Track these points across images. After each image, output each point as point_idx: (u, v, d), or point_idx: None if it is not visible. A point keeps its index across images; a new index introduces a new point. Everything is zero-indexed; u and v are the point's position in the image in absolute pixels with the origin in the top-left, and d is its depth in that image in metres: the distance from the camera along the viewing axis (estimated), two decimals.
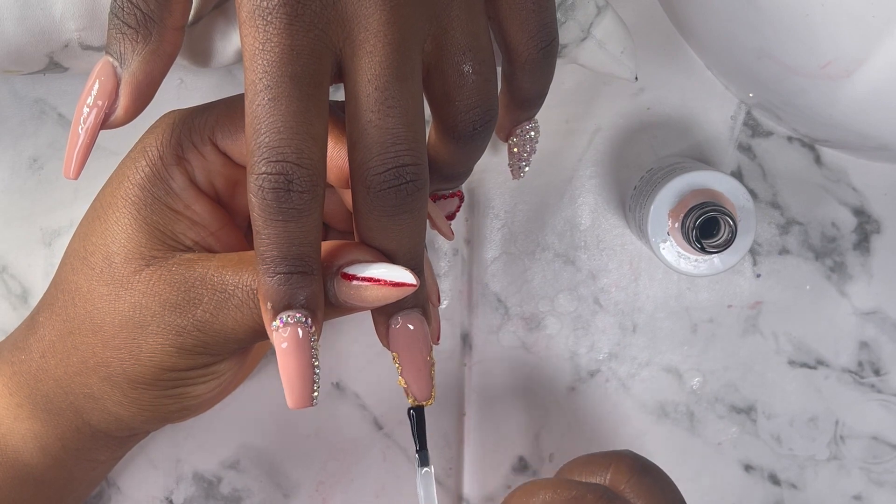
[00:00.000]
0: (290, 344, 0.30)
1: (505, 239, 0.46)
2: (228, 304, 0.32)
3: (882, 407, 0.46)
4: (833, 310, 0.46)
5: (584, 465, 0.38)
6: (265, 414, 0.46)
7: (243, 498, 0.46)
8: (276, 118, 0.28)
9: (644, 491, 0.36)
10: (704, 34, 0.42)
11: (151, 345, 0.33)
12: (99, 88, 0.32)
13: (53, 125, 0.44)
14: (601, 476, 0.37)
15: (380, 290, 0.31)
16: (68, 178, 0.33)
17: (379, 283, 0.31)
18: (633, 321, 0.46)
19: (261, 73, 0.29)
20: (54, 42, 0.36)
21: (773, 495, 0.47)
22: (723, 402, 0.46)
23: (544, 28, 0.34)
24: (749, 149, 0.45)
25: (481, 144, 0.34)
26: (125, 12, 0.31)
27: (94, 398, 0.35)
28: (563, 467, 0.40)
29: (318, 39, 0.29)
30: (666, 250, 0.42)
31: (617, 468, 0.37)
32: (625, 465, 0.37)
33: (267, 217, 0.29)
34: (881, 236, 0.46)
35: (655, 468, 0.38)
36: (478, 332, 0.46)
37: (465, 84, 0.32)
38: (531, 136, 0.38)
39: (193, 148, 0.34)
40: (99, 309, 0.34)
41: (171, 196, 0.34)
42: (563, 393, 0.46)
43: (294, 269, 0.29)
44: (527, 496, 0.36)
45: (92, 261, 0.34)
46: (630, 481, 0.36)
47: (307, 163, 0.29)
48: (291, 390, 0.30)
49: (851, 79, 0.35)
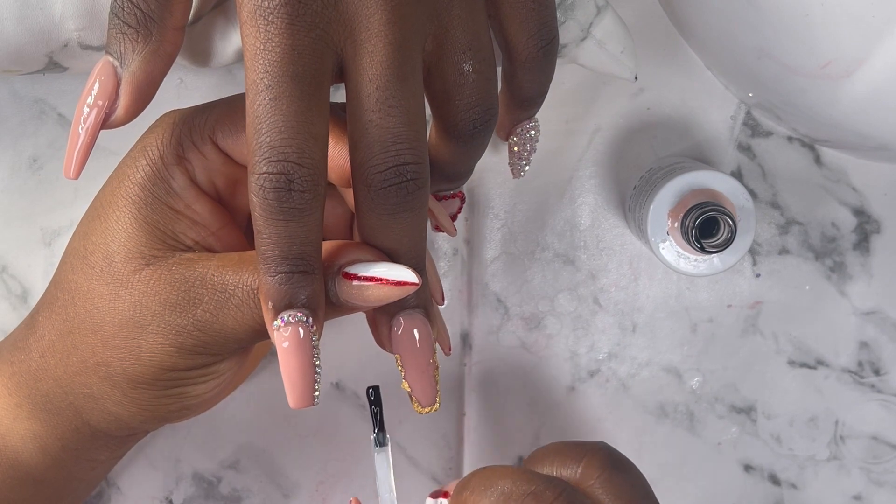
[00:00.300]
0: (291, 343, 0.30)
1: (505, 239, 0.46)
2: (229, 303, 0.32)
3: (882, 407, 0.46)
4: (833, 310, 0.46)
5: (555, 454, 0.37)
6: (265, 414, 0.46)
7: (243, 498, 0.46)
8: (278, 118, 0.28)
9: (615, 487, 0.35)
10: (704, 34, 0.42)
11: (151, 344, 0.33)
12: (99, 88, 0.32)
13: (53, 125, 0.44)
14: (572, 469, 0.36)
15: (381, 289, 0.31)
16: (68, 178, 0.33)
17: (381, 283, 0.31)
18: (632, 321, 0.46)
19: (262, 72, 0.29)
20: (54, 42, 0.36)
21: (773, 495, 0.47)
22: (723, 402, 0.46)
23: (544, 27, 0.34)
24: (749, 149, 0.45)
25: (482, 143, 0.34)
26: (125, 12, 0.31)
27: (94, 398, 0.35)
28: (535, 452, 0.38)
29: (320, 39, 0.29)
30: (665, 250, 0.42)
31: (589, 462, 0.36)
32: (597, 459, 0.36)
33: (268, 216, 0.29)
34: (881, 236, 0.46)
35: (628, 463, 0.36)
36: (477, 332, 0.46)
37: (465, 83, 0.32)
38: (532, 136, 0.38)
39: (194, 147, 0.34)
40: (99, 308, 0.33)
41: (172, 196, 0.34)
42: (563, 393, 0.46)
43: (295, 268, 0.29)
44: (485, 483, 0.35)
45: (92, 260, 0.34)
46: (601, 476, 0.35)
47: (308, 162, 0.29)
48: (293, 389, 0.31)
49: (851, 79, 0.35)
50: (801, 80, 0.37)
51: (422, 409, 0.34)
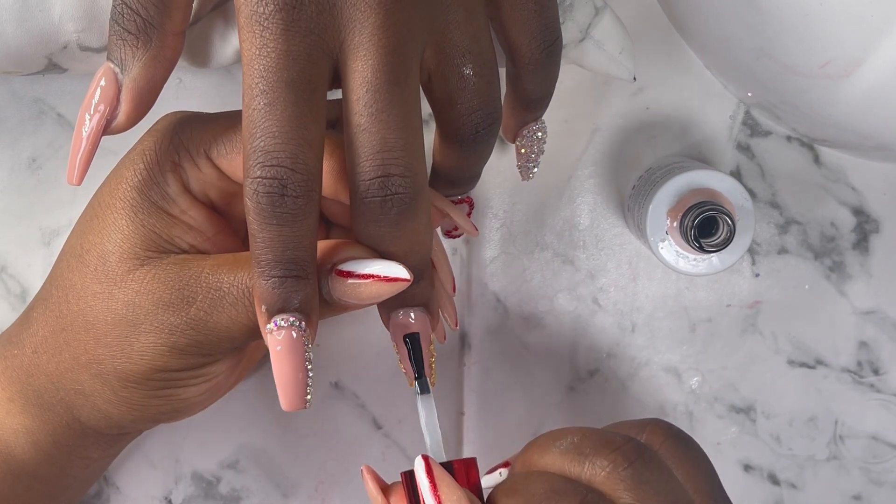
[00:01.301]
0: (283, 347, 0.30)
1: (504, 239, 0.46)
2: (223, 302, 0.32)
3: (881, 406, 0.46)
4: (832, 309, 0.46)
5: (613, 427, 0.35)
6: (264, 414, 0.46)
7: (242, 498, 0.46)
8: (272, 123, 0.29)
9: (679, 452, 0.33)
10: (703, 34, 0.42)
11: (144, 343, 0.33)
12: (101, 94, 0.32)
13: (52, 125, 0.44)
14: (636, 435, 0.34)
15: (374, 286, 0.31)
16: (71, 184, 0.33)
17: (373, 280, 0.31)
18: (631, 321, 0.46)
19: (257, 77, 0.29)
20: (53, 43, 0.36)
21: (773, 495, 0.47)
22: (722, 402, 0.46)
23: (547, 28, 0.34)
24: (748, 148, 0.45)
25: (486, 148, 0.34)
26: (125, 18, 0.31)
27: (85, 395, 0.35)
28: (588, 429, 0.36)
29: (315, 44, 0.29)
30: (665, 250, 0.42)
31: (653, 429, 0.34)
32: (660, 427, 0.34)
33: (262, 221, 0.29)
34: (880, 236, 0.46)
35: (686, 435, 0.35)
36: (477, 332, 0.46)
37: (466, 87, 0.32)
38: (539, 137, 0.38)
39: (189, 158, 0.34)
40: (92, 306, 0.34)
41: (167, 201, 0.34)
42: (563, 393, 0.46)
43: (289, 272, 0.29)
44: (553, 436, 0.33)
45: (87, 259, 0.34)
46: (665, 443, 0.34)
47: (302, 167, 0.29)
48: (285, 392, 0.31)
49: (850, 79, 0.35)
50: (800, 80, 0.37)
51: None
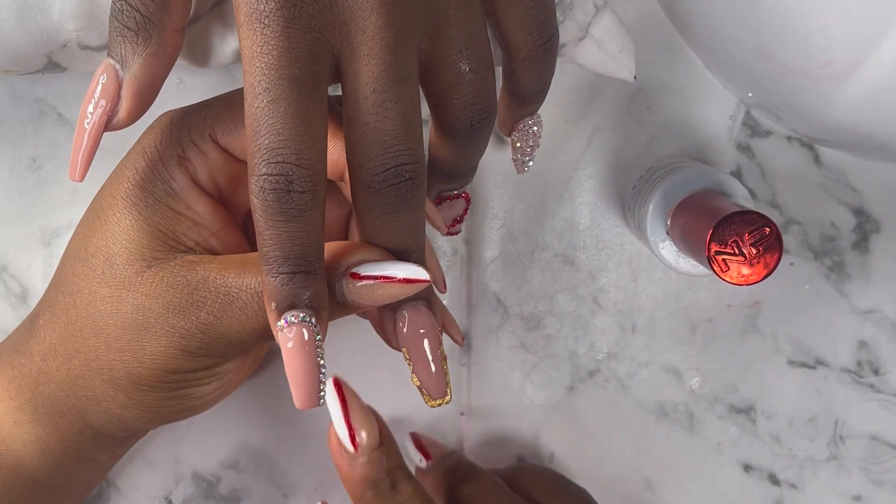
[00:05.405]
0: (295, 343, 0.30)
1: (504, 239, 0.46)
2: (233, 306, 0.32)
3: (881, 407, 0.46)
4: (832, 309, 0.46)
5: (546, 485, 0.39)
6: (264, 414, 0.46)
7: (242, 498, 0.46)
8: (276, 120, 0.29)
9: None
10: (703, 34, 0.42)
11: (155, 347, 0.33)
12: (101, 91, 0.32)
13: (53, 125, 0.44)
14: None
15: (392, 287, 0.31)
16: (73, 181, 0.33)
17: (391, 281, 0.31)
18: (632, 321, 0.46)
19: (259, 75, 0.29)
20: (53, 42, 0.36)
21: (773, 495, 0.47)
22: (722, 402, 0.46)
23: (544, 24, 0.34)
24: (748, 148, 0.45)
25: (481, 142, 0.34)
26: (125, 15, 0.31)
27: (97, 401, 0.35)
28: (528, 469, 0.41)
29: (316, 42, 0.29)
30: (665, 250, 0.41)
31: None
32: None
33: (269, 218, 0.29)
34: (880, 236, 0.46)
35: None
36: (477, 332, 0.46)
37: (461, 82, 0.32)
38: (534, 131, 0.38)
39: (194, 146, 0.34)
40: (101, 311, 0.33)
41: (172, 196, 0.34)
42: (563, 393, 0.46)
43: (297, 268, 0.29)
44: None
45: (93, 262, 0.34)
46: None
47: (307, 163, 0.29)
48: (299, 390, 0.30)
49: (850, 79, 0.35)
50: (800, 81, 0.37)
51: (433, 402, 0.33)
